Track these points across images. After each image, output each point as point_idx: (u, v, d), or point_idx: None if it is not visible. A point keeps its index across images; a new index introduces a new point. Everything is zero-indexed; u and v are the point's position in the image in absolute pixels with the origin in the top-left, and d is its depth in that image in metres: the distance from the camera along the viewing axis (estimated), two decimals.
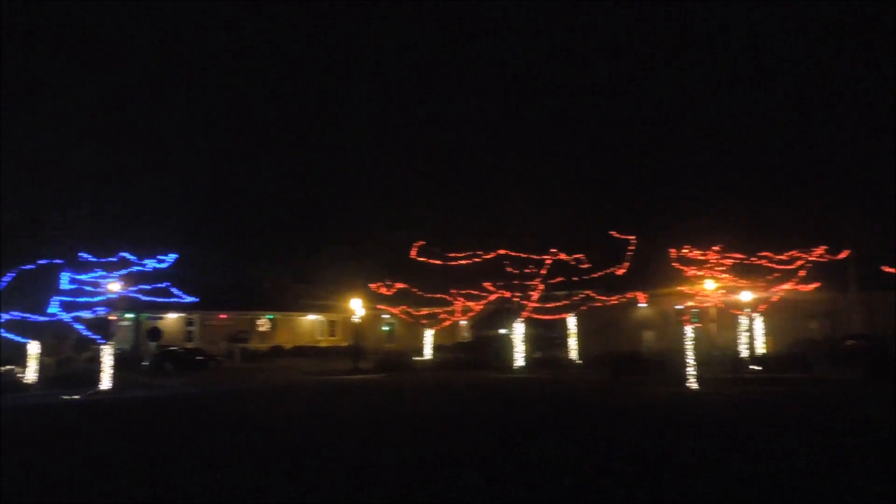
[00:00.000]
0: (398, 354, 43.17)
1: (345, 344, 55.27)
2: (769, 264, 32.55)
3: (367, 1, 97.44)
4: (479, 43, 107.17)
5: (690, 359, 24.41)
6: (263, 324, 57.10)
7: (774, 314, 37.62)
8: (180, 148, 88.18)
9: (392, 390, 25.74)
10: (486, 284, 37.70)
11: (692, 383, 24.01)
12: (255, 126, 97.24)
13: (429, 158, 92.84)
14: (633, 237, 35.39)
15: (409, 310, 42.56)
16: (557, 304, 37.73)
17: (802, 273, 32.97)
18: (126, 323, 42.71)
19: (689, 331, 24.87)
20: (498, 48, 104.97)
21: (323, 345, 57.03)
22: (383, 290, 40.16)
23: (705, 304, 29.81)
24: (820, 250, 32.95)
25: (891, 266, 33.09)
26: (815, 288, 35.00)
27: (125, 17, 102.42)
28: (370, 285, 40.88)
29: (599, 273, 36.26)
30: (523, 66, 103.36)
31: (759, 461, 10.85)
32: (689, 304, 26.11)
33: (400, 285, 40.33)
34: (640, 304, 44.73)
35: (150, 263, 28.46)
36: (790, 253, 32.58)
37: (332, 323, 60.31)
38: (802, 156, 77.85)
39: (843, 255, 33.96)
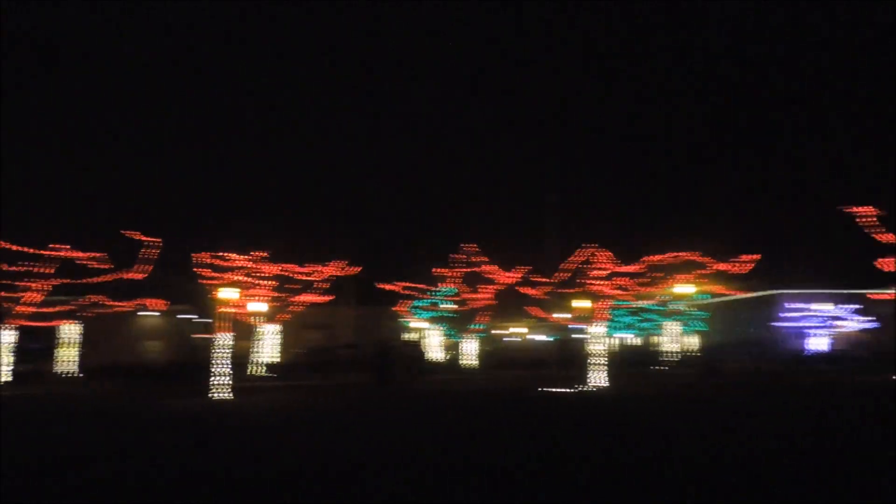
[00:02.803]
0: None
1: None
2: (292, 275, 33.92)
3: None
4: None
5: (225, 367, 23.74)
6: None
7: (286, 324, 39.29)
8: None
9: None
10: None
11: (226, 392, 23.35)
12: None
13: None
14: (159, 239, 32.86)
15: None
16: (57, 308, 32.73)
17: (324, 285, 35.23)
18: None
19: (220, 338, 24.21)
20: None
21: None
22: None
23: (231, 313, 29.22)
24: (338, 265, 35.61)
25: (385, 283, 37.82)
26: (320, 301, 37.59)
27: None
28: None
29: (113, 276, 32.69)
30: None
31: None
32: (223, 311, 25.32)
33: None
34: (151, 313, 42.00)
35: None
36: (311, 266, 34.50)
37: None
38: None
39: (355, 270, 37.33)
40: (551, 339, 43.97)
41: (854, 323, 45.44)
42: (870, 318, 44.57)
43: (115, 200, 64.69)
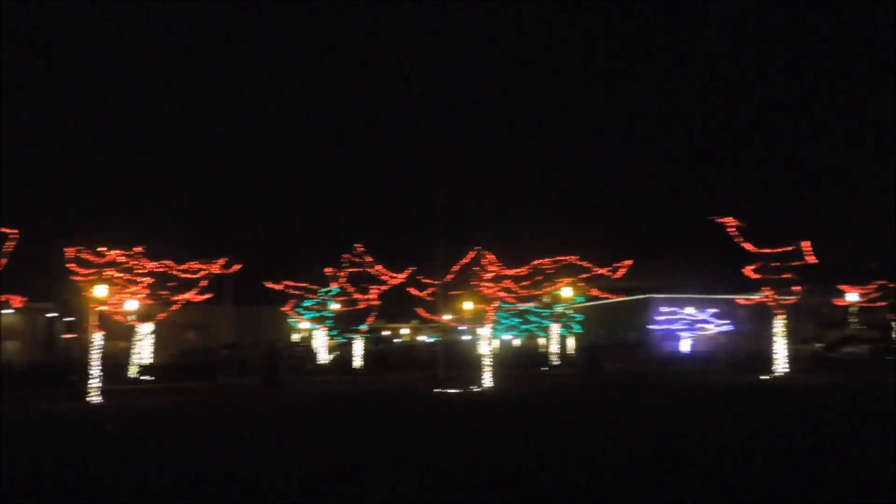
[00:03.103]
0: None
1: None
2: (171, 271, 32.24)
3: None
4: None
5: (96, 370, 22.31)
6: None
7: (160, 324, 37.22)
8: None
9: None
10: None
11: (96, 396, 21.94)
12: None
13: None
14: (16, 230, 30.23)
15: None
16: None
17: (205, 283, 33.65)
18: None
19: (97, 338, 22.76)
20: None
21: None
22: None
23: (103, 312, 27.36)
24: (221, 262, 34.09)
25: (273, 282, 36.65)
26: (199, 299, 35.86)
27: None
28: None
29: None
30: None
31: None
32: (93, 309, 23.72)
33: None
34: (7, 311, 38.79)
35: None
36: (191, 263, 32.89)
37: None
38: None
39: (236, 268, 35.85)
40: (436, 339, 44.20)
41: (714, 326, 48.66)
42: (726, 322, 47.89)
43: None
